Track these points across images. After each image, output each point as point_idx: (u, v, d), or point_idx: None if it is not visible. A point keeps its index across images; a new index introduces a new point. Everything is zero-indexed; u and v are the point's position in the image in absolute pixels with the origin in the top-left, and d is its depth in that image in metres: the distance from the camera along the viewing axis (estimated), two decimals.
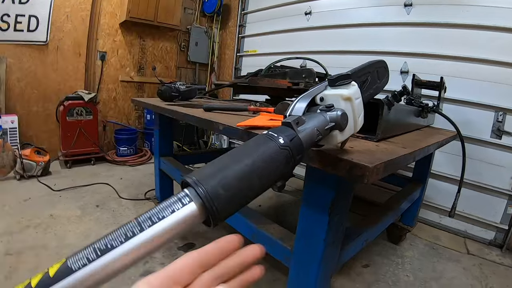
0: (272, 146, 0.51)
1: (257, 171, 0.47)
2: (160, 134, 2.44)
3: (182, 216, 0.40)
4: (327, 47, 3.52)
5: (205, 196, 0.41)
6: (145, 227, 0.39)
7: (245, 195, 0.46)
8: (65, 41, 4.08)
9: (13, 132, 3.69)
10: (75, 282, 0.35)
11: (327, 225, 1.03)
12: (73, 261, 0.37)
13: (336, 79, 0.73)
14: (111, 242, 0.38)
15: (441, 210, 2.79)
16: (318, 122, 0.64)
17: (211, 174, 0.44)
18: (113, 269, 0.37)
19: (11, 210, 2.64)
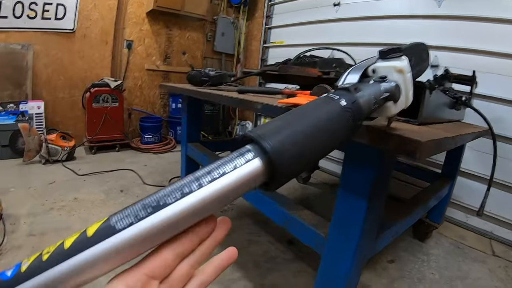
0: (334, 106, 0.48)
1: (322, 130, 0.44)
2: (188, 120, 2.42)
3: (245, 173, 0.36)
4: (356, 39, 3.46)
5: (272, 151, 0.37)
6: (204, 183, 0.34)
7: (311, 154, 0.42)
8: (92, 29, 4.11)
9: (39, 118, 3.75)
10: (120, 243, 0.31)
11: (365, 211, 1.00)
12: (118, 219, 0.32)
13: (387, 52, 0.71)
14: (164, 199, 0.33)
15: (468, 209, 2.71)
16: (374, 90, 0.62)
17: (276, 129, 0.40)
18: (165, 229, 0.32)
19: (36, 193, 2.67)
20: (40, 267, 0.30)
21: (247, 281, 1.78)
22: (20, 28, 3.65)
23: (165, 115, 4.99)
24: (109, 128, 3.99)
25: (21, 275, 0.30)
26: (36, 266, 0.31)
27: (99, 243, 0.31)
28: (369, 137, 0.82)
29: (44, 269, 0.30)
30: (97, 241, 0.31)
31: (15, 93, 3.68)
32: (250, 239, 2.21)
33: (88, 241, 0.31)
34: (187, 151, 2.46)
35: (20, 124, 3.33)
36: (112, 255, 0.31)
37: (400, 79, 0.68)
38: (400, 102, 0.69)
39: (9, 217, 2.20)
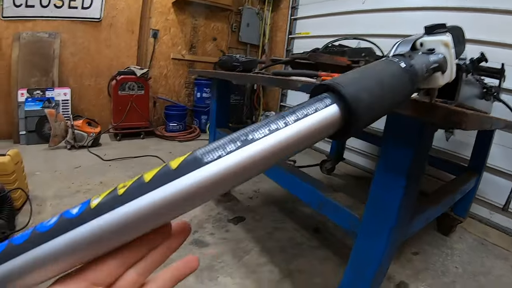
0: (396, 67, 0.50)
1: (388, 85, 0.46)
2: (218, 106, 2.42)
3: (326, 117, 0.37)
4: (383, 30, 3.42)
5: (349, 98, 0.38)
6: (289, 121, 0.34)
7: (380, 106, 0.44)
8: (118, 19, 4.17)
9: (65, 104, 3.83)
10: (208, 176, 0.29)
11: (404, 189, 1.00)
12: (204, 152, 0.30)
13: (433, 27, 0.75)
14: (252, 134, 0.32)
15: (492, 205, 2.65)
16: (425, 60, 0.64)
17: (351, 80, 0.41)
18: (253, 164, 0.31)
19: (62, 176, 2.73)
20: (115, 201, 0.28)
21: (273, 266, 1.79)
22: (47, 17, 3.72)
23: (189, 104, 5.02)
24: (134, 115, 4.05)
25: (90, 212, 0.28)
26: (110, 201, 0.29)
27: (186, 175, 0.29)
28: (414, 109, 0.82)
29: (120, 204, 0.28)
30: (184, 173, 0.29)
31: (42, 80, 3.75)
32: (275, 226, 2.22)
33: (173, 173, 0.29)
34: (215, 136, 2.46)
35: (47, 110, 3.41)
36: (200, 189, 0.29)
37: (446, 52, 0.71)
38: (446, 74, 0.71)
39: (35, 198, 2.24)
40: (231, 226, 2.17)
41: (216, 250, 1.88)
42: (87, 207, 0.29)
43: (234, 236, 2.05)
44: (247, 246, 1.96)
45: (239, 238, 2.04)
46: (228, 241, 1.98)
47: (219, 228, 2.12)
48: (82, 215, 0.29)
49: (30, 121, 3.57)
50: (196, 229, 2.06)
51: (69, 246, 0.28)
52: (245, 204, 2.52)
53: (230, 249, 1.90)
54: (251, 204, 2.53)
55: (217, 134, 2.43)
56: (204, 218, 2.20)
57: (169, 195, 0.28)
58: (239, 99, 5.13)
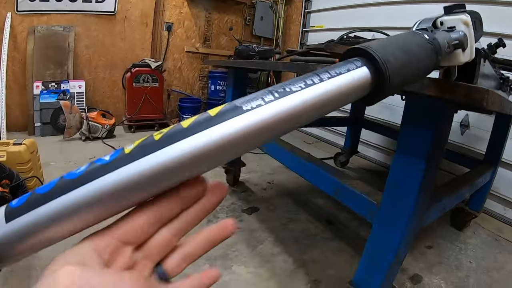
0: (421, 38, 0.51)
1: (413, 53, 0.46)
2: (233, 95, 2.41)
3: (358, 77, 0.37)
4: (398, 23, 3.37)
5: (380, 61, 0.38)
6: (324, 78, 0.34)
7: (408, 72, 0.44)
8: (132, 12, 4.20)
9: (80, 96, 3.88)
10: (251, 123, 0.29)
11: (423, 173, 0.99)
12: (243, 101, 0.30)
13: (452, 7, 0.77)
14: (289, 86, 0.32)
15: (507, 201, 2.61)
16: (446, 36, 0.65)
17: (380, 45, 0.41)
18: (291, 116, 0.31)
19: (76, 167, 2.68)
20: (152, 146, 0.28)
21: (287, 256, 1.79)
22: (61, 11, 3.77)
23: (203, 97, 5.04)
24: (148, 107, 4.08)
25: (125, 157, 0.27)
26: (147, 146, 0.28)
27: (225, 121, 0.28)
28: (435, 88, 0.82)
29: (158, 148, 0.27)
30: (224, 119, 0.29)
31: (56, 73, 3.81)
32: (289, 217, 2.22)
33: (212, 120, 0.29)
34: None
35: (62, 101, 3.46)
36: (239, 137, 0.29)
37: (466, 31, 0.72)
38: (467, 52, 0.72)
39: None
40: (245, 216, 2.17)
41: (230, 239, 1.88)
42: (121, 152, 0.28)
43: (248, 226, 2.05)
44: (261, 236, 1.96)
45: (253, 228, 2.04)
46: (242, 231, 1.99)
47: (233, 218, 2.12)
48: (115, 160, 0.28)
49: (45, 113, 3.62)
50: (210, 219, 2.06)
51: (99, 193, 0.27)
52: (259, 195, 2.53)
53: (244, 239, 1.91)
54: (265, 195, 2.53)
55: None
56: (218, 208, 2.18)
57: (208, 141, 0.27)
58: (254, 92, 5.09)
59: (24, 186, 1.94)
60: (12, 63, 3.59)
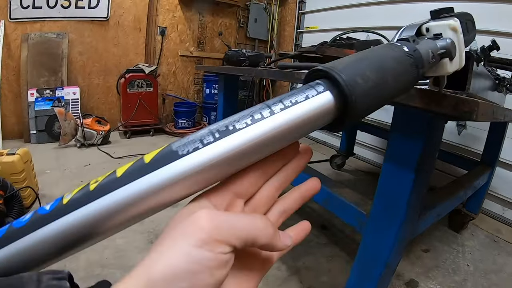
0: (398, 51, 0.47)
1: (390, 70, 0.42)
2: (225, 100, 2.41)
3: (318, 105, 0.33)
4: (391, 23, 3.36)
5: (344, 84, 0.34)
6: (275, 110, 0.31)
7: (380, 93, 0.40)
8: (125, 17, 4.21)
9: (74, 103, 3.88)
10: (183, 170, 0.28)
11: (412, 184, 0.97)
12: (180, 144, 0.29)
13: (439, 11, 0.71)
14: (233, 124, 0.30)
15: (505, 201, 2.60)
16: (431, 45, 0.60)
17: (346, 65, 0.38)
18: (233, 156, 0.29)
19: (71, 174, 2.75)
20: (86, 197, 0.28)
21: (280, 263, 1.77)
22: (54, 18, 3.77)
23: (198, 100, 5.05)
24: (143, 113, 4.07)
25: (62, 208, 0.28)
26: (82, 197, 0.28)
27: (159, 168, 0.28)
28: (421, 99, 0.78)
29: (92, 199, 0.27)
30: (157, 167, 0.28)
31: (51, 80, 3.80)
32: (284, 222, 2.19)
33: (146, 167, 0.28)
34: None
35: (57, 109, 3.45)
36: (173, 184, 0.28)
37: (454, 37, 0.67)
38: (455, 61, 0.67)
39: (43, 196, 2.26)
40: None
41: None
42: (59, 202, 0.29)
43: None
44: None
45: None
46: None
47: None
48: (56, 210, 0.28)
49: (40, 120, 3.61)
50: None
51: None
52: None
53: None
54: None
55: None
56: None
57: (140, 191, 0.27)
58: (247, 95, 5.11)
59: (18, 197, 1.93)
60: (6, 70, 3.58)
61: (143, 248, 1.78)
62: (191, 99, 4.97)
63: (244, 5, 5.08)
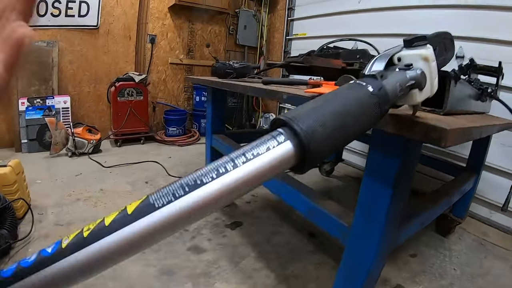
0: (362, 92, 0.50)
1: (350, 113, 0.46)
2: (213, 112, 2.44)
3: (278, 155, 0.38)
4: (379, 30, 3.41)
5: (302, 134, 0.38)
6: (238, 163, 0.36)
7: (340, 137, 0.44)
8: (115, 25, 4.21)
9: (65, 112, 3.87)
10: (158, 220, 0.33)
11: (390, 199, 1.01)
12: (156, 197, 0.34)
13: (412, 40, 0.73)
14: (200, 178, 0.35)
15: (492, 205, 2.63)
16: (400, 78, 0.63)
17: (306, 112, 0.41)
18: (201, 207, 0.34)
19: (63, 184, 2.75)
20: (81, 243, 0.33)
21: (269, 271, 1.80)
22: (44, 26, 3.76)
23: (189, 108, 5.06)
24: (134, 121, 4.08)
25: (62, 251, 0.32)
26: (77, 242, 0.33)
27: (139, 219, 0.33)
28: (394, 125, 0.82)
29: (86, 245, 0.32)
30: (138, 218, 0.33)
31: (41, 89, 3.79)
32: (272, 230, 2.23)
33: (128, 218, 0.33)
34: (212, 143, 2.47)
35: (47, 118, 3.45)
36: (151, 232, 0.33)
37: (425, 67, 0.69)
38: (425, 90, 0.70)
39: (35, 207, 2.26)
40: (229, 231, 2.18)
41: (213, 256, 1.90)
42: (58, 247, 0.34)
43: (231, 241, 2.06)
44: (243, 251, 1.97)
45: (236, 243, 2.05)
46: (225, 247, 1.99)
47: (217, 234, 2.13)
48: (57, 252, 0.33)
49: (31, 129, 3.61)
50: (194, 235, 2.07)
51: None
52: (242, 208, 2.53)
53: (226, 255, 1.91)
54: (249, 208, 2.54)
55: (214, 141, 2.44)
56: (202, 224, 2.22)
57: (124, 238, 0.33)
58: (238, 102, 5.15)
59: (11, 209, 1.93)
60: None
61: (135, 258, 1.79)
62: (181, 106, 4.99)
63: (234, 12, 5.10)
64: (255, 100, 5.41)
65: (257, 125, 5.40)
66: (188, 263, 1.80)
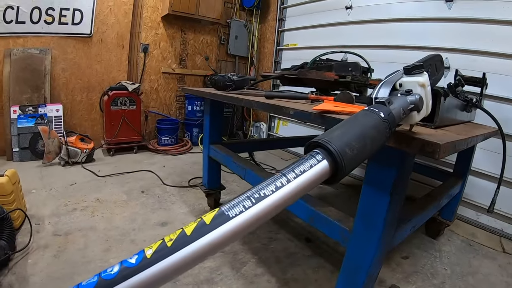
0: (376, 118, 0.60)
1: (368, 137, 0.56)
2: (211, 122, 2.48)
3: (318, 171, 0.47)
4: (368, 41, 3.53)
5: (336, 154, 0.47)
6: (290, 178, 0.44)
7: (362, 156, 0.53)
8: (108, 34, 4.23)
9: (58, 120, 3.87)
10: (233, 228, 0.40)
11: (388, 205, 1.10)
12: (228, 208, 0.41)
13: (412, 69, 0.83)
14: (263, 191, 0.42)
15: (479, 207, 2.76)
16: (403, 103, 0.74)
17: (337, 136, 0.51)
18: (265, 215, 0.42)
19: (58, 194, 2.75)
20: (166, 252, 0.38)
21: (270, 276, 1.86)
22: (37, 33, 3.75)
23: (181, 117, 5.09)
24: (126, 130, 4.09)
25: (148, 261, 0.38)
26: (162, 252, 0.38)
27: (217, 228, 0.40)
28: (395, 141, 0.93)
29: (170, 254, 0.38)
30: (215, 227, 0.40)
31: (33, 97, 3.78)
32: (270, 237, 2.29)
33: (207, 228, 0.40)
34: (209, 153, 2.51)
35: (40, 126, 3.44)
36: (227, 238, 0.40)
37: (422, 92, 0.81)
38: (422, 112, 0.81)
39: (33, 217, 2.26)
40: None
41: (215, 262, 1.94)
42: (143, 257, 0.39)
43: (231, 249, 2.10)
44: (244, 257, 2.02)
45: (236, 250, 2.09)
46: (226, 254, 2.04)
47: None
48: (142, 263, 0.38)
49: (23, 138, 3.59)
50: None
51: None
52: None
53: (228, 262, 1.96)
54: None
55: (211, 151, 2.49)
56: None
57: (204, 246, 0.39)
58: (229, 111, 5.19)
59: (9, 219, 1.91)
60: None
61: None
62: (174, 115, 5.02)
63: (225, 23, 5.17)
64: (246, 110, 5.46)
65: (248, 134, 5.45)
66: (190, 270, 1.80)
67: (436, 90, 1.21)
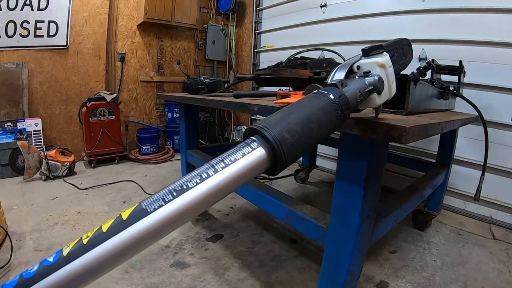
0: (324, 100, 0.56)
1: (314, 120, 0.51)
2: (186, 127, 2.45)
3: (253, 160, 0.42)
4: (345, 38, 3.53)
5: (273, 140, 0.43)
6: (218, 169, 0.40)
7: (306, 141, 0.49)
8: (84, 44, 4.19)
9: (37, 135, 3.82)
10: (152, 224, 0.37)
11: (363, 198, 1.06)
12: (148, 203, 0.38)
13: (369, 49, 0.79)
14: (186, 184, 0.39)
15: (465, 196, 2.77)
16: (359, 85, 0.69)
17: (275, 121, 0.47)
18: (188, 209, 0.38)
19: (39, 209, 2.70)
20: (82, 249, 0.36)
21: (254, 280, 1.82)
22: (13, 47, 3.70)
23: (161, 125, 5.05)
24: (107, 141, 4.04)
25: (64, 259, 0.35)
26: (78, 249, 0.36)
27: (134, 224, 0.37)
28: (359, 128, 0.89)
29: (86, 251, 0.35)
30: (133, 222, 0.37)
31: (12, 112, 3.72)
32: (254, 240, 2.25)
33: (124, 223, 0.37)
34: (187, 158, 2.48)
35: (19, 142, 3.36)
36: (146, 235, 0.37)
37: (382, 73, 0.76)
38: (384, 94, 0.77)
39: (13, 234, 2.21)
40: (210, 245, 2.18)
41: (197, 269, 1.90)
42: (60, 255, 0.37)
43: (214, 254, 2.07)
44: (227, 262, 1.98)
45: (218, 255, 2.06)
46: (208, 260, 2.00)
47: (199, 248, 2.14)
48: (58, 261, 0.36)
49: (3, 154, 3.51)
50: (176, 251, 2.07)
51: None
52: (222, 221, 2.55)
53: (211, 268, 1.92)
54: (228, 220, 2.55)
55: (189, 156, 2.46)
56: (183, 239, 2.22)
57: (121, 243, 0.36)
58: (209, 117, 5.17)
59: None
60: None
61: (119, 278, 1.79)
62: (154, 124, 4.99)
63: (202, 28, 5.15)
64: (226, 114, 5.44)
65: (230, 138, 5.43)
66: (172, 279, 1.79)
67: (405, 74, 1.19)
